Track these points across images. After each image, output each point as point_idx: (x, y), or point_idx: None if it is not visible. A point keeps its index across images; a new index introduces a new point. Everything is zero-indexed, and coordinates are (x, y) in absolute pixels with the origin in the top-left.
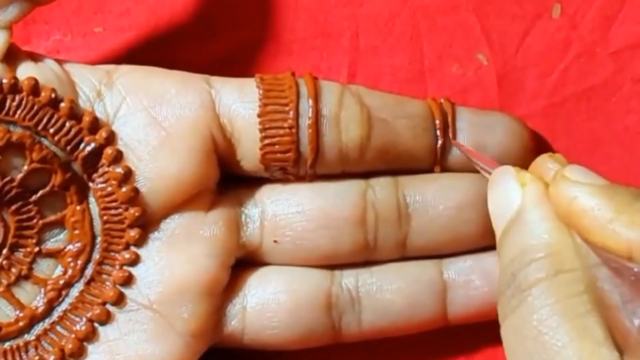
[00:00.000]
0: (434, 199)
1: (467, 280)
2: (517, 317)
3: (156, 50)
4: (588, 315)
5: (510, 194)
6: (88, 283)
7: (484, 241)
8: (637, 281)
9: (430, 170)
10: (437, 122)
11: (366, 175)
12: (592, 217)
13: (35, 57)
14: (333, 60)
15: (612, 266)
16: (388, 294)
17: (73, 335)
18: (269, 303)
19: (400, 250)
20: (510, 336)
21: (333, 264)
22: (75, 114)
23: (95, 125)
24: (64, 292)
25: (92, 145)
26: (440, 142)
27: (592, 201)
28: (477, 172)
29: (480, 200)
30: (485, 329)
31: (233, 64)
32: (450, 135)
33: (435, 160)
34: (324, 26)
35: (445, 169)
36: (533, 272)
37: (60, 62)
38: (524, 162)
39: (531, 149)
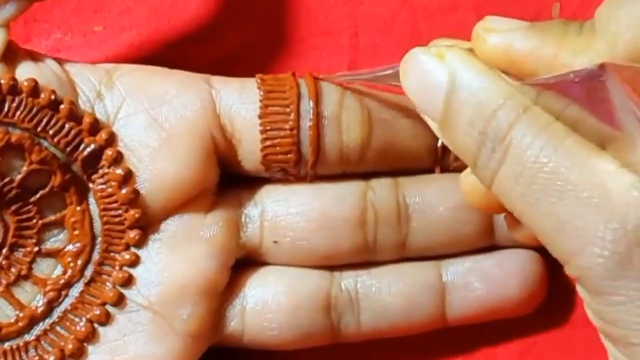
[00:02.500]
0: (433, 200)
1: (466, 282)
2: (509, 166)
3: (157, 49)
4: (572, 134)
5: (432, 70)
6: (88, 284)
7: (483, 242)
8: (594, 90)
9: (431, 171)
10: None
11: (366, 175)
12: (536, 57)
13: (35, 57)
14: (333, 59)
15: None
16: (387, 296)
17: (73, 336)
18: (268, 304)
19: (400, 251)
20: (509, 187)
21: (333, 265)
22: (75, 116)
23: (95, 126)
24: (63, 293)
25: (92, 146)
26: (440, 141)
27: (529, 43)
28: None
29: None
30: (484, 329)
31: (234, 62)
32: None
33: (436, 160)
34: (324, 25)
35: (445, 169)
36: (503, 117)
37: (60, 61)
38: None
39: None
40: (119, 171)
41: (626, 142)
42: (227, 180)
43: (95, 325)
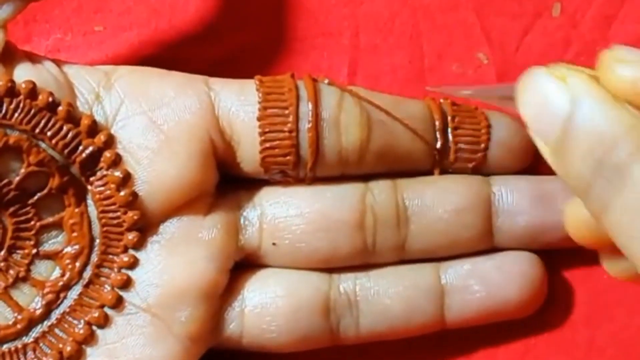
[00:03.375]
0: (433, 202)
1: (465, 285)
2: (626, 199)
3: (157, 49)
4: None
5: (552, 93)
6: (86, 286)
7: (483, 244)
8: None
9: (430, 172)
10: (437, 123)
11: (365, 177)
12: None
13: (33, 58)
14: (333, 59)
15: None
16: (386, 299)
17: (71, 338)
18: (267, 306)
19: (399, 253)
20: (623, 221)
21: (332, 267)
22: (72, 118)
23: (94, 128)
24: (62, 295)
25: (90, 148)
26: (439, 143)
27: None
28: (476, 175)
29: (479, 203)
30: (484, 330)
31: (234, 62)
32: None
33: (435, 162)
34: (324, 25)
35: (444, 170)
36: (624, 149)
37: (58, 63)
38: (523, 162)
39: (531, 149)
40: (118, 173)
41: None
42: (226, 183)
43: (94, 327)
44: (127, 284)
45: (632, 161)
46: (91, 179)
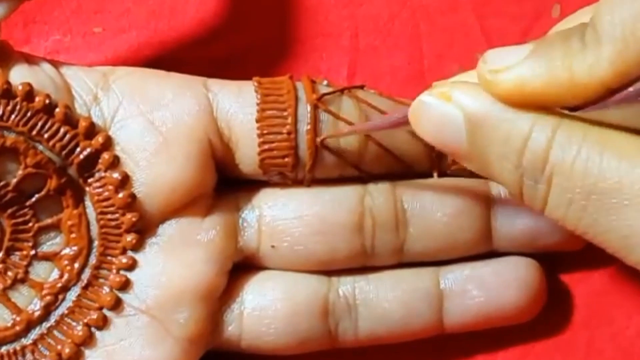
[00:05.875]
0: (431, 205)
1: (464, 290)
2: (557, 195)
3: (156, 50)
4: (615, 136)
5: (445, 113)
6: (85, 287)
7: (482, 248)
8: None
9: (429, 174)
10: None
11: (364, 179)
12: (554, 87)
13: (30, 59)
14: (333, 61)
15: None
16: (385, 303)
17: (70, 340)
18: (266, 309)
19: (398, 256)
20: (563, 214)
21: (330, 270)
22: (70, 120)
23: (91, 130)
24: (60, 296)
25: (88, 150)
26: None
27: (538, 74)
28: (475, 177)
29: (477, 205)
30: (483, 333)
31: (233, 63)
32: None
33: (434, 164)
34: (323, 26)
35: (443, 173)
36: (536, 146)
37: (56, 64)
38: None
39: None
40: (116, 175)
41: None
42: (225, 184)
43: (93, 329)
44: (125, 285)
45: (549, 155)
46: (89, 180)
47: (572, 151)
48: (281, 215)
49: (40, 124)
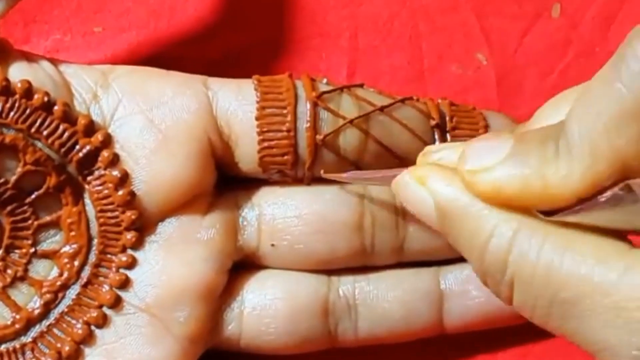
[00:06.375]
0: None
1: (464, 290)
2: (521, 298)
3: (156, 50)
4: (576, 240)
5: (419, 195)
6: (85, 285)
7: None
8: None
9: None
10: (435, 123)
11: None
12: (527, 193)
13: (29, 57)
14: (332, 60)
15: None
16: (385, 303)
17: (70, 338)
18: (266, 308)
19: (397, 255)
20: (529, 314)
21: (330, 269)
22: (69, 117)
23: (91, 128)
24: (60, 294)
25: (88, 148)
26: (437, 143)
27: (514, 180)
28: None
29: None
30: (483, 333)
31: (232, 63)
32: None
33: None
34: (323, 26)
35: None
36: (495, 249)
37: (55, 62)
38: None
39: None
40: (115, 173)
41: None
42: (225, 182)
43: (92, 327)
44: (125, 283)
45: (508, 259)
46: (89, 178)
47: (532, 257)
48: (281, 214)
49: (39, 121)
